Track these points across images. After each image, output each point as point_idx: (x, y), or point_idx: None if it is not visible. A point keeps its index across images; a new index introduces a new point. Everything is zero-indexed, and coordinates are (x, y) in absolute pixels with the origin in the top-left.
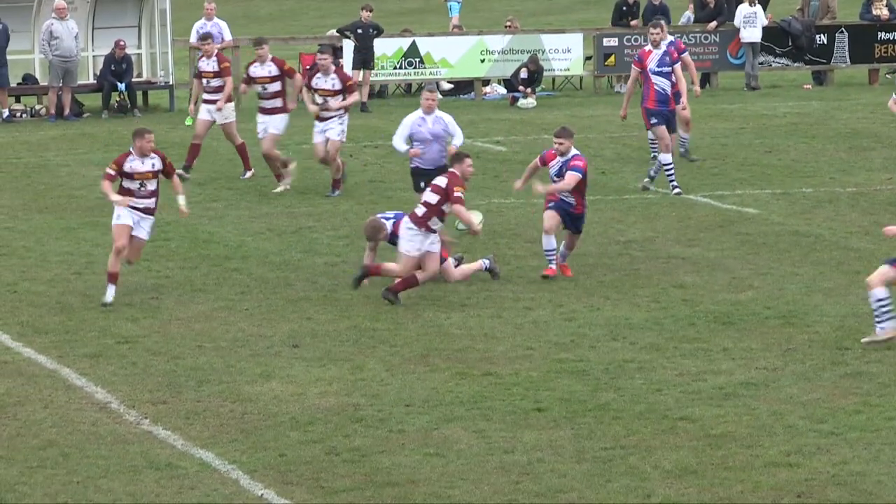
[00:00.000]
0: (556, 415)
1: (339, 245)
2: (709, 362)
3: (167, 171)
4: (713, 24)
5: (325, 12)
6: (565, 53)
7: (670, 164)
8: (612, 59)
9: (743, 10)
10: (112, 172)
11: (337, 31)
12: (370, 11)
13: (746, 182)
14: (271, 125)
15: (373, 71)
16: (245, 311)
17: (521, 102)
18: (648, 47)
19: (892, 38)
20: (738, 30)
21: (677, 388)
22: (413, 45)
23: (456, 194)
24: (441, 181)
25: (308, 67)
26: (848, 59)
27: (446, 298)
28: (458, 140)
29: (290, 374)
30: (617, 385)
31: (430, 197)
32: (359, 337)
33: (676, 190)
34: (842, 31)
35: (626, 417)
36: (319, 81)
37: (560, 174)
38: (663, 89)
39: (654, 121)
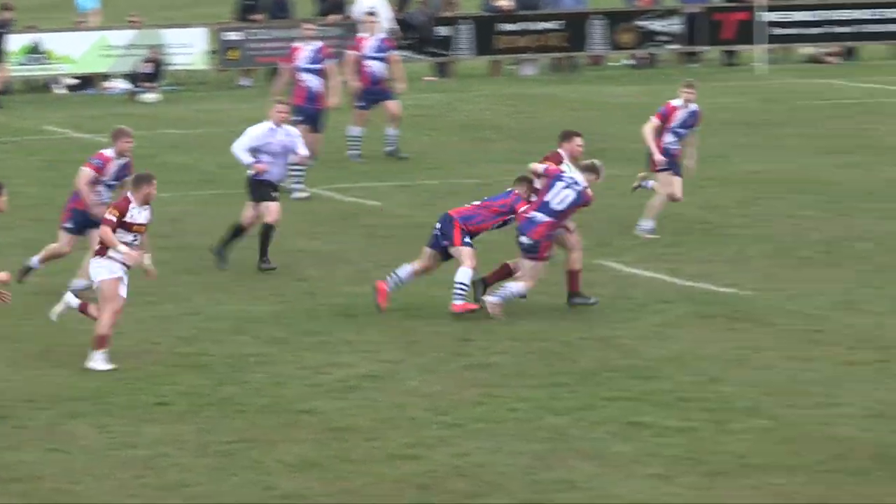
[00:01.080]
0: (179, 409)
1: None
2: (331, 355)
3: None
4: (333, 17)
5: None
6: (188, 48)
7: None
8: (235, 52)
9: (363, 4)
10: (114, 220)
11: None
12: (9, 10)
13: (369, 175)
14: None
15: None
16: None
17: (144, 97)
18: (299, 44)
19: (513, 30)
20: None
21: (300, 382)
22: (37, 40)
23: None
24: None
25: None
26: (470, 51)
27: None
28: (304, 152)
29: None
30: (240, 379)
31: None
32: None
33: (298, 191)
34: (464, 23)
35: (249, 411)
36: None
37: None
38: (311, 87)
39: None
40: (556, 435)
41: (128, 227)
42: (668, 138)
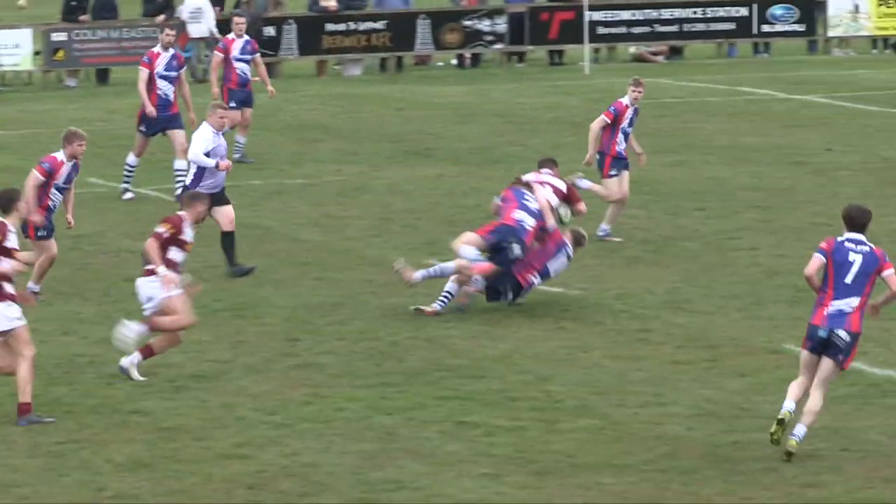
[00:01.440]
0: (7, 410)
1: None
2: (160, 355)
3: None
4: (161, 17)
5: None
6: (14, 49)
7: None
8: (61, 53)
9: (189, 4)
10: (168, 236)
11: None
12: None
13: None
14: None
15: None
16: None
17: None
18: (158, 49)
19: (339, 30)
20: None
21: (129, 382)
22: None
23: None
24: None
25: None
26: (296, 51)
27: None
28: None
29: None
30: (69, 379)
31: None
32: None
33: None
34: (290, 23)
35: (78, 412)
36: None
37: None
38: (166, 94)
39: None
40: (386, 434)
41: (181, 245)
42: (620, 139)
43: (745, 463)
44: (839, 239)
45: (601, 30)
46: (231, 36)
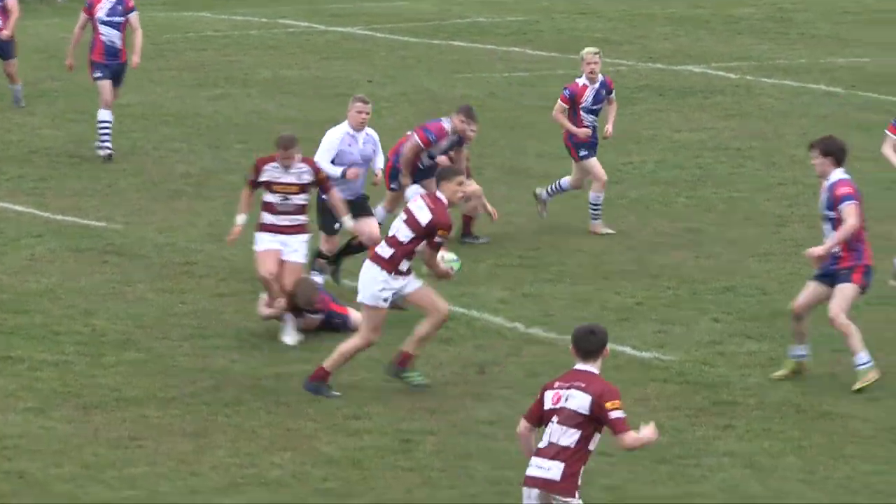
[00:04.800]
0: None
1: None
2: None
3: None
4: None
5: None
6: None
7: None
8: None
9: None
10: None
11: None
12: None
13: None
14: None
15: None
16: None
17: None
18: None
19: None
20: None
21: None
22: None
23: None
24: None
25: None
26: None
27: None
28: (380, 164)
29: None
30: None
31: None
32: None
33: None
34: None
35: None
36: None
37: None
38: (112, 41)
39: (97, 74)
40: None
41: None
42: (587, 119)
43: (288, 395)
44: None
45: None
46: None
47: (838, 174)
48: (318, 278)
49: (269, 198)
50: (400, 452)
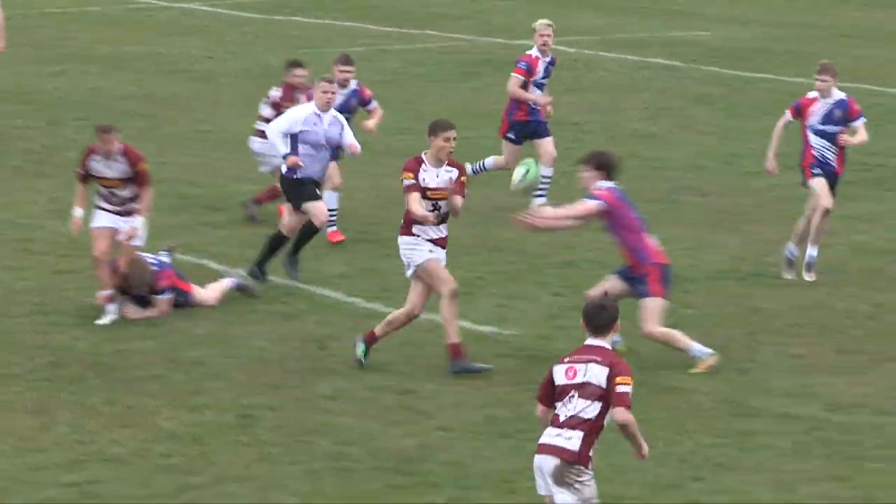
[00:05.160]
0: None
1: None
2: None
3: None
4: None
5: None
6: None
7: None
8: None
9: None
10: None
11: None
12: None
13: None
14: None
15: None
16: None
17: None
18: None
19: None
20: None
21: None
22: None
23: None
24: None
25: None
26: None
27: None
28: (349, 139)
29: None
30: None
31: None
32: None
33: None
34: None
35: None
36: None
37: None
38: None
39: None
40: None
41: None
42: (535, 93)
43: (129, 371)
44: None
45: None
46: None
47: (605, 184)
48: (165, 257)
49: (100, 189)
50: (240, 427)
